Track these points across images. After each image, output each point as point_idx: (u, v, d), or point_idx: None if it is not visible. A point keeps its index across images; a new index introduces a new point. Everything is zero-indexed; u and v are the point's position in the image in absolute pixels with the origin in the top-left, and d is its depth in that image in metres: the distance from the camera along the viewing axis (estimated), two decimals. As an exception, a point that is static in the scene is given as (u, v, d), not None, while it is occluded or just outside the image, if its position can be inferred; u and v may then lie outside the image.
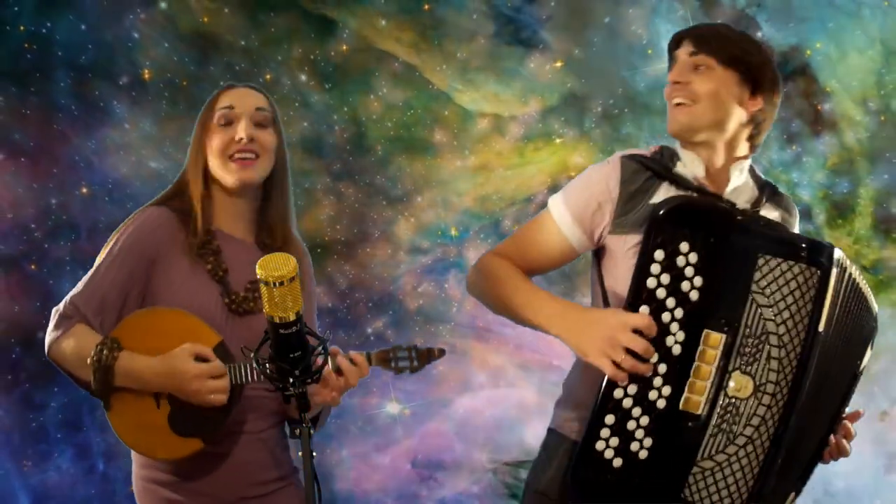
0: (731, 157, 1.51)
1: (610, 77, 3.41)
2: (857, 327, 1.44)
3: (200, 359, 1.46)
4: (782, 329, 1.33)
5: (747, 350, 1.33)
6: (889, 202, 3.40)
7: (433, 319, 3.46)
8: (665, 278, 1.34)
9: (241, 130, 1.57)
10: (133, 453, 1.57)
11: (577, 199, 1.49)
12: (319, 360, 1.36)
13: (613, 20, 3.39)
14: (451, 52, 3.45)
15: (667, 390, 1.34)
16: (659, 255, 1.34)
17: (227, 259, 1.58)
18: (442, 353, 1.67)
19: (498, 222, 3.50)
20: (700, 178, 1.50)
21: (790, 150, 3.46)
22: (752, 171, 1.59)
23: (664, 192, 1.46)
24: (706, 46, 1.50)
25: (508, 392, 3.46)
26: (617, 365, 1.33)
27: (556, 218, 1.51)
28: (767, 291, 1.34)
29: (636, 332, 1.33)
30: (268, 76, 3.37)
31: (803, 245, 1.37)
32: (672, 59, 1.55)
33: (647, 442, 1.35)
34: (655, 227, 1.35)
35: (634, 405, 1.35)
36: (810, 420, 1.39)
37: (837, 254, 1.39)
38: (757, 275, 1.34)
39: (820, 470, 1.49)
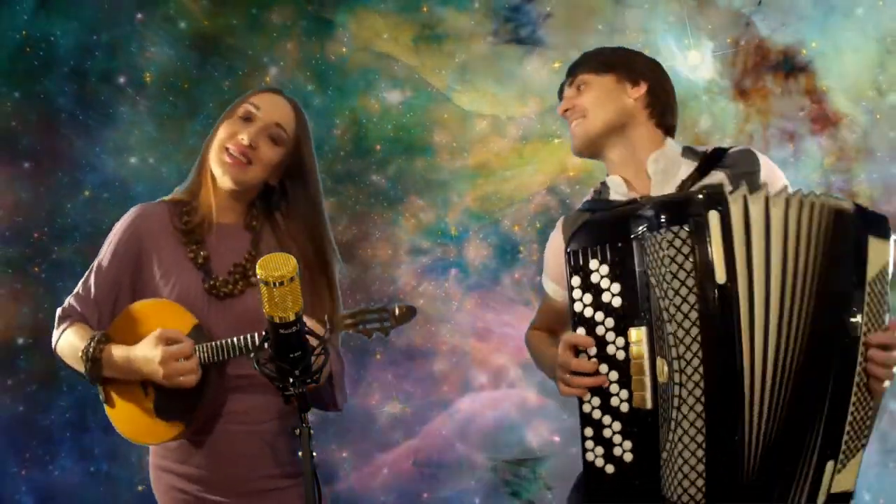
0: (645, 149, 1.60)
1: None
2: (826, 244, 1.32)
3: (170, 342, 1.53)
4: (667, 302, 1.30)
5: (659, 335, 1.34)
6: (885, 200, 3.41)
7: (433, 319, 3.48)
8: (587, 298, 1.42)
9: (247, 133, 1.61)
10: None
11: (551, 270, 1.73)
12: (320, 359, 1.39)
13: (612, 19, 3.41)
14: (450, 52, 3.46)
15: (624, 394, 1.39)
16: (576, 281, 1.44)
17: (212, 245, 1.64)
18: (413, 311, 1.69)
19: (498, 222, 3.52)
20: (624, 193, 1.60)
21: (788, 149, 3.48)
22: (688, 149, 1.62)
23: None
24: (578, 68, 1.68)
25: (509, 392, 3.48)
26: (568, 384, 1.44)
27: (549, 291, 1.76)
28: (655, 270, 1.33)
29: (574, 348, 1.44)
30: (267, 78, 3.40)
31: (664, 210, 1.32)
32: (561, 100, 1.72)
33: (627, 444, 1.39)
34: (567, 259, 1.46)
35: (603, 414, 1.41)
36: (801, 373, 1.30)
37: (728, 195, 1.30)
38: (647, 258, 1.35)
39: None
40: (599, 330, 1.41)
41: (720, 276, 1.28)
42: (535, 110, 3.46)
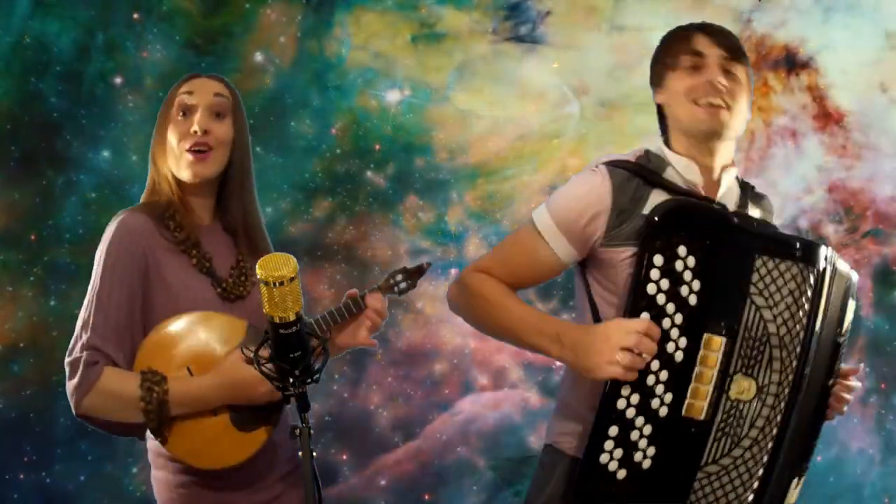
0: (724, 166, 1.54)
1: (610, 74, 3.44)
2: (839, 306, 1.48)
3: (248, 360, 1.43)
4: (783, 330, 1.37)
5: (748, 352, 1.35)
6: (887, 198, 3.42)
7: (433, 320, 3.48)
8: (664, 283, 1.34)
9: (196, 122, 1.56)
10: (152, 461, 1.58)
11: (567, 212, 1.46)
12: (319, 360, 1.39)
13: (612, 17, 3.41)
14: (449, 50, 3.47)
15: (668, 397, 1.35)
16: (658, 259, 1.34)
17: (208, 248, 1.60)
18: (429, 265, 1.78)
19: (498, 222, 3.53)
20: (693, 182, 1.50)
21: (789, 146, 3.49)
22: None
23: (655, 198, 1.45)
24: (740, 56, 1.52)
25: (510, 393, 3.48)
26: (627, 369, 1.32)
27: (543, 231, 1.47)
28: (766, 293, 1.36)
29: (639, 334, 1.32)
30: (265, 77, 3.41)
31: (798, 245, 1.41)
32: (691, 52, 1.50)
33: (651, 451, 1.35)
34: (652, 232, 1.35)
35: (637, 414, 1.34)
36: (806, 408, 1.44)
37: (828, 251, 1.44)
38: (755, 276, 1.36)
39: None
40: (665, 322, 1.33)
41: (818, 325, 1.42)
42: (535, 109, 3.47)
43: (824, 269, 1.42)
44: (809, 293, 1.39)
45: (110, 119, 3.29)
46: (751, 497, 1.38)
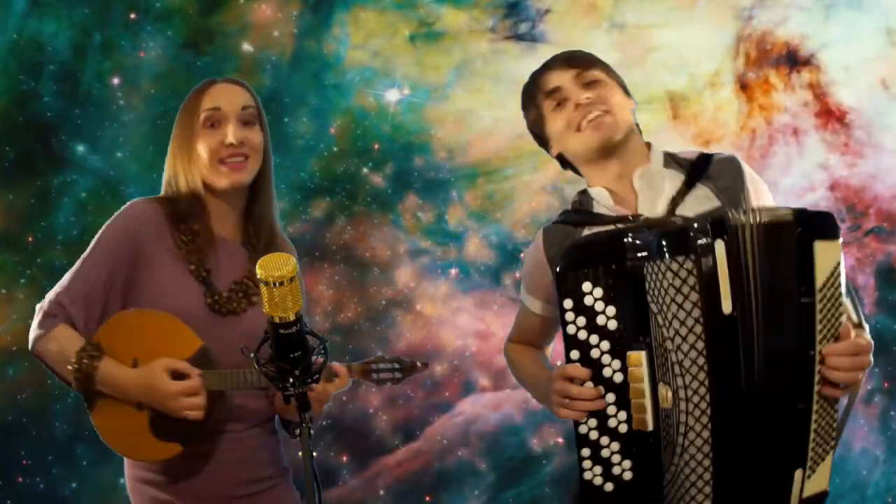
0: (636, 163, 1.60)
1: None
2: (778, 267, 1.36)
3: (178, 375, 1.51)
4: (672, 332, 1.35)
5: (661, 361, 1.38)
6: (891, 196, 3.43)
7: (433, 321, 3.49)
8: (581, 321, 1.43)
9: (231, 134, 1.59)
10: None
11: (529, 281, 1.69)
12: (319, 359, 1.41)
13: (612, 15, 3.42)
14: (448, 49, 3.48)
15: (622, 415, 1.42)
16: (568, 303, 1.43)
17: (213, 259, 1.62)
18: (425, 366, 1.77)
19: (498, 221, 3.54)
20: (610, 206, 1.58)
21: (791, 144, 3.50)
22: (670, 157, 1.62)
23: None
24: (585, 64, 1.61)
25: (511, 394, 3.49)
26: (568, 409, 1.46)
27: (526, 303, 1.71)
28: (657, 298, 1.36)
29: (568, 378, 1.44)
30: (263, 77, 3.42)
31: (667, 240, 1.36)
32: (544, 94, 1.62)
33: (626, 464, 1.43)
34: (557, 280, 1.45)
35: (601, 435, 1.44)
36: (776, 396, 1.36)
37: (729, 222, 1.33)
38: (647, 285, 1.38)
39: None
40: (594, 353, 1.43)
41: (727, 308, 1.33)
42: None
43: (706, 249, 1.31)
44: (693, 281, 1.32)
45: (107, 119, 3.29)
46: (712, 497, 1.36)
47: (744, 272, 1.34)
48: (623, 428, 1.42)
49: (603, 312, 1.41)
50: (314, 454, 1.35)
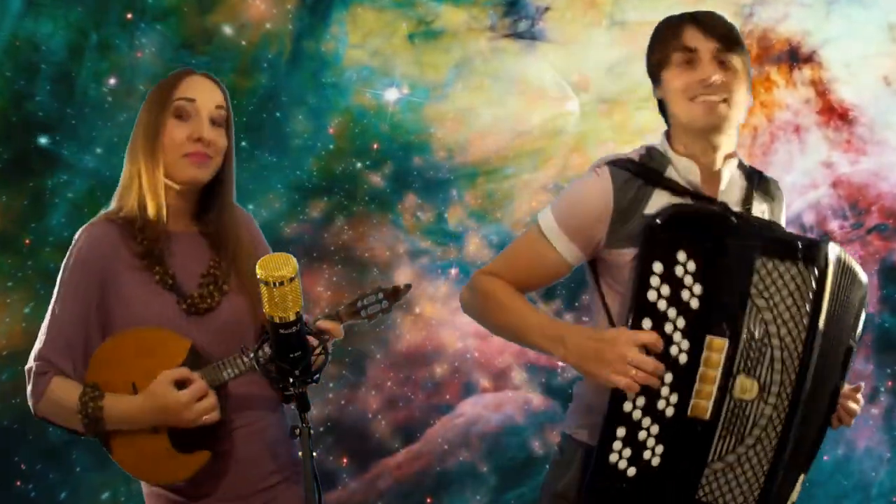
0: (728, 149, 1.57)
1: (610, 70, 3.46)
2: (849, 307, 1.50)
3: (180, 383, 1.50)
4: (783, 331, 1.40)
5: (750, 353, 1.40)
6: (894, 193, 3.44)
7: (433, 321, 3.50)
8: (665, 290, 1.38)
9: (203, 130, 1.56)
10: None
11: (570, 215, 1.51)
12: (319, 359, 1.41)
13: (612, 12, 3.43)
14: (447, 47, 3.49)
15: (674, 398, 1.40)
16: (657, 267, 1.38)
17: (175, 259, 1.60)
18: (408, 287, 1.65)
19: (498, 221, 3.55)
20: (693, 182, 1.53)
21: (794, 141, 3.51)
22: (739, 163, 1.64)
23: (657, 198, 1.49)
24: (733, 45, 1.53)
25: (513, 395, 3.50)
26: (630, 381, 1.38)
27: (548, 234, 1.52)
28: (766, 294, 1.39)
29: (643, 348, 1.38)
30: (261, 76, 3.43)
31: (799, 245, 1.42)
32: (682, 48, 1.52)
33: (659, 449, 1.40)
34: (651, 238, 1.40)
35: (644, 416, 1.40)
36: (813, 408, 1.47)
37: (834, 249, 1.44)
38: (755, 278, 1.39)
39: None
40: (668, 327, 1.38)
41: (822, 324, 1.43)
42: (534, 106, 3.49)
43: (826, 268, 1.42)
44: (811, 294, 1.41)
45: (103, 120, 3.30)
46: (757, 493, 1.43)
47: (836, 300, 1.46)
48: (670, 412, 1.39)
49: (690, 288, 1.38)
50: (314, 454, 1.36)
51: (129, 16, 3.32)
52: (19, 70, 3.24)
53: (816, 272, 1.41)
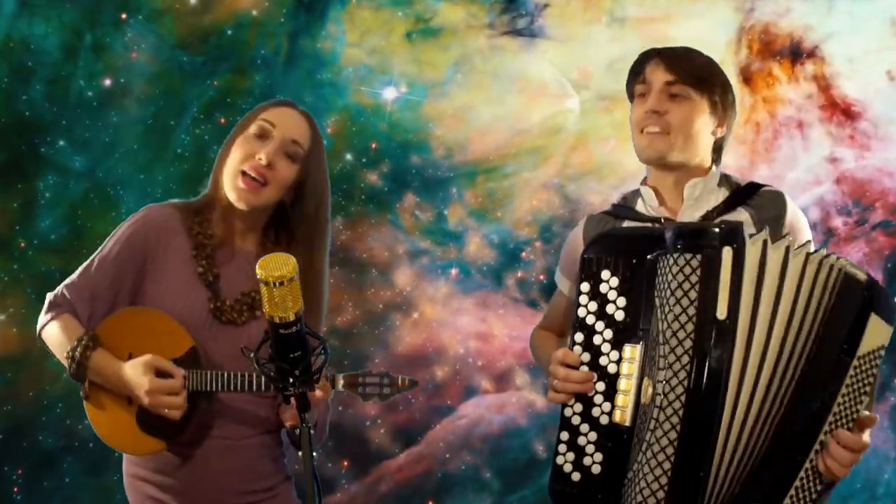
0: (694, 175, 1.66)
1: (611, 67, 3.47)
2: (830, 306, 1.37)
3: (162, 373, 1.57)
4: (665, 325, 1.36)
5: (651, 355, 1.40)
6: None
7: (434, 322, 3.51)
8: (592, 306, 1.49)
9: (264, 152, 1.62)
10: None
11: (565, 265, 1.79)
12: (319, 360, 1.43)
13: (612, 9, 3.45)
14: (446, 45, 3.51)
15: (606, 406, 1.46)
16: (584, 286, 1.50)
17: (223, 266, 1.66)
18: (414, 383, 1.78)
19: (498, 220, 3.56)
20: (656, 209, 1.66)
21: (797, 137, 3.52)
22: (724, 178, 1.69)
23: None
24: (684, 73, 1.63)
25: (515, 396, 3.51)
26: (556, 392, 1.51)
27: (561, 287, 1.81)
28: (661, 292, 1.39)
29: (563, 363, 1.49)
30: (258, 76, 3.44)
31: (681, 235, 1.39)
32: (640, 80, 1.67)
33: (598, 457, 1.45)
34: (582, 264, 1.51)
35: (582, 422, 1.47)
36: (770, 425, 1.35)
37: (746, 235, 1.36)
38: (657, 279, 1.41)
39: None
40: (597, 339, 1.48)
41: (721, 312, 1.34)
42: (534, 104, 3.51)
43: (713, 252, 1.33)
44: (695, 279, 1.34)
45: (98, 122, 3.31)
46: None
47: (754, 287, 1.35)
48: (604, 419, 1.45)
49: (614, 302, 1.47)
50: (314, 454, 1.38)
51: (124, 16, 3.34)
52: (12, 71, 3.25)
53: (700, 257, 1.34)
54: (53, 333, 1.63)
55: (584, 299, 1.49)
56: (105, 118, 3.31)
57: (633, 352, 1.43)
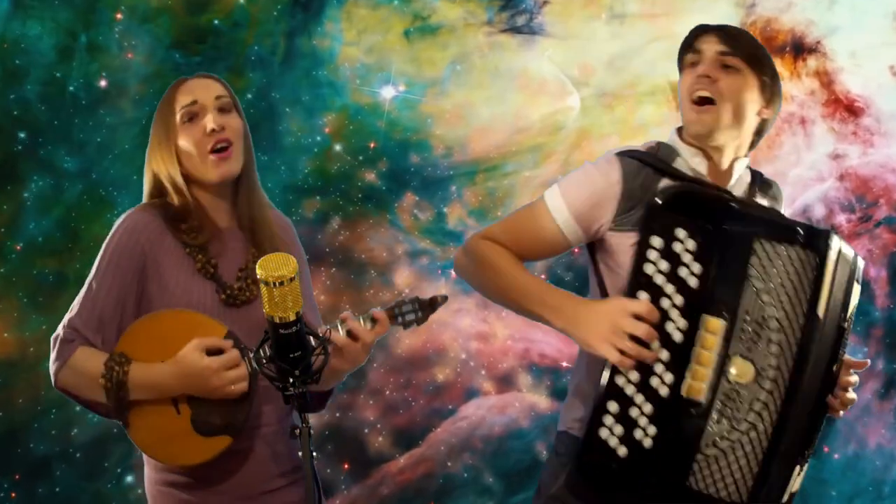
0: (735, 157, 1.64)
1: (611, 64, 3.49)
2: (843, 291, 1.49)
3: (212, 352, 1.53)
4: (781, 313, 1.40)
5: (747, 335, 1.40)
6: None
7: (434, 323, 3.52)
8: (663, 265, 1.43)
9: (211, 121, 1.63)
10: (144, 457, 1.65)
11: (577, 195, 1.58)
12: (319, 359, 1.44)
13: (612, 5, 3.47)
14: (444, 43, 3.52)
15: (668, 377, 1.41)
16: (656, 241, 1.43)
17: (215, 251, 1.66)
18: (444, 299, 1.69)
19: (498, 219, 3.56)
20: (699, 173, 1.60)
21: (800, 134, 3.54)
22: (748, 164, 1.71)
23: (665, 186, 1.55)
24: (737, 47, 1.60)
25: (516, 397, 3.51)
26: (622, 352, 1.41)
27: (553, 210, 1.59)
28: (765, 276, 1.41)
29: (637, 317, 1.41)
30: (255, 75, 3.45)
31: (800, 229, 1.44)
32: (692, 50, 1.63)
33: (651, 430, 1.41)
34: (652, 214, 1.45)
35: (637, 392, 1.41)
36: (808, 393, 1.46)
37: (834, 238, 1.46)
38: (754, 259, 1.41)
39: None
40: (664, 302, 1.42)
41: (822, 310, 1.43)
42: (534, 102, 3.52)
43: (827, 253, 1.43)
44: (811, 277, 1.41)
45: (93, 123, 3.32)
46: (751, 482, 1.42)
47: (829, 287, 1.44)
48: (664, 391, 1.41)
49: (688, 266, 1.42)
50: (314, 454, 1.40)
51: (119, 16, 3.35)
52: (7, 73, 3.26)
53: (816, 257, 1.42)
54: (75, 371, 1.55)
55: (653, 255, 1.42)
56: (100, 119, 3.32)
57: (716, 325, 1.41)
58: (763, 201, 1.66)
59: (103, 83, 3.34)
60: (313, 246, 3.47)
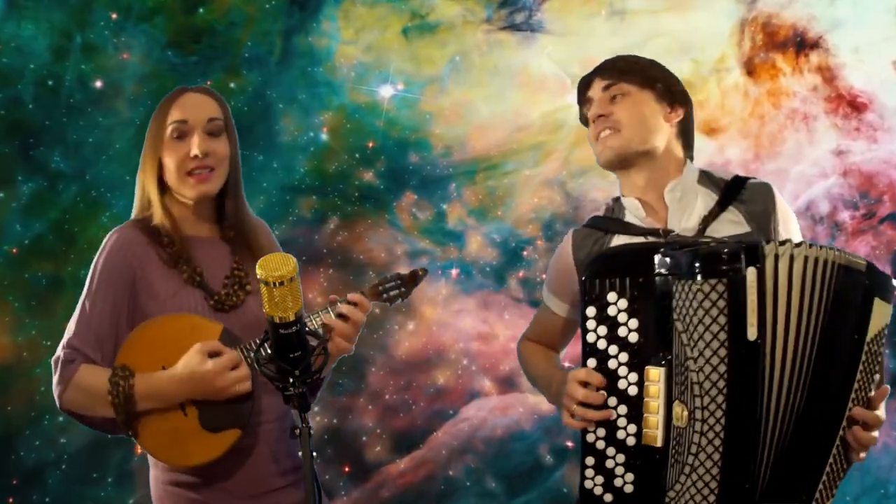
0: (669, 175, 1.69)
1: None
2: (835, 301, 1.44)
3: (212, 354, 1.59)
4: (696, 352, 1.41)
5: (680, 379, 1.45)
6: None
7: (435, 324, 3.53)
8: (601, 330, 1.52)
9: (195, 146, 1.69)
10: (149, 459, 1.69)
11: (550, 275, 1.82)
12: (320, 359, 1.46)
13: (612, 2, 3.48)
14: (443, 41, 3.53)
15: (632, 428, 1.51)
16: (590, 311, 1.53)
17: (199, 261, 1.72)
18: (425, 272, 1.81)
19: (499, 218, 3.58)
20: (644, 219, 1.68)
21: (802, 130, 3.55)
22: (704, 175, 1.72)
23: (617, 243, 1.66)
24: (617, 75, 1.72)
25: (518, 398, 3.53)
26: (573, 415, 1.54)
27: (544, 297, 1.84)
28: (684, 316, 1.43)
29: (583, 384, 1.53)
30: (252, 75, 3.46)
31: (699, 261, 1.43)
32: (585, 102, 1.77)
33: (629, 477, 1.51)
34: (582, 286, 1.54)
35: (607, 445, 1.52)
36: (799, 426, 1.43)
37: (764, 251, 1.41)
38: (674, 302, 1.44)
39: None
40: (612, 363, 1.51)
41: (752, 334, 1.41)
42: (534, 100, 3.53)
43: (736, 276, 1.39)
44: (723, 305, 1.39)
45: (89, 124, 3.33)
46: None
47: (772, 302, 1.42)
48: (631, 441, 1.50)
49: (625, 324, 1.50)
50: (314, 453, 1.41)
51: (114, 16, 3.36)
52: (1, 74, 3.27)
53: (726, 282, 1.39)
54: (81, 389, 1.60)
55: (591, 324, 1.52)
56: (95, 120, 3.33)
57: (656, 374, 1.47)
58: (737, 214, 1.65)
59: (98, 83, 3.35)
60: (311, 246, 3.49)
